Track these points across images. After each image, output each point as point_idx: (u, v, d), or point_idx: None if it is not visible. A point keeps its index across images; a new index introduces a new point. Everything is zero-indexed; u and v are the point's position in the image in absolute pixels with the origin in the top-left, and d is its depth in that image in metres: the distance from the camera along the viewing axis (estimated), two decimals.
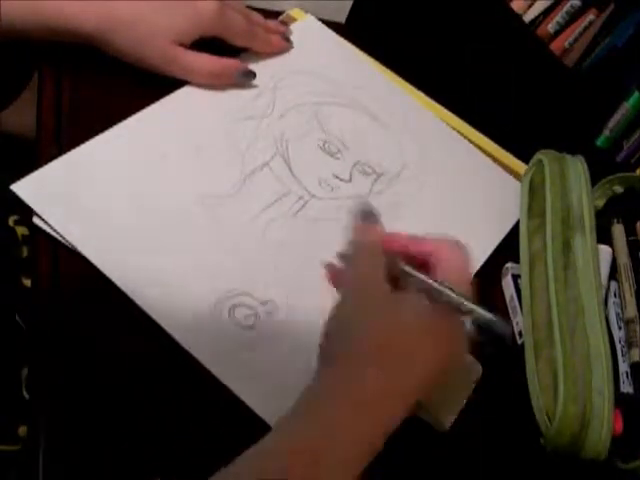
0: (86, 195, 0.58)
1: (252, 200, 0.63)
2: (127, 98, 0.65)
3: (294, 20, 0.79)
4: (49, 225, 0.55)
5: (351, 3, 0.84)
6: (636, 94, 0.73)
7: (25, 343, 0.59)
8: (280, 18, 0.79)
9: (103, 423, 0.49)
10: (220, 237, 0.60)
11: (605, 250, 0.67)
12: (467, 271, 0.52)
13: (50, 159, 0.59)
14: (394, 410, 0.47)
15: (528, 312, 0.63)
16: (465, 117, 0.79)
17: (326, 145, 0.70)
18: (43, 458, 0.47)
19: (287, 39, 0.75)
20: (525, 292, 0.64)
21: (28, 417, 0.56)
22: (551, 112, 0.78)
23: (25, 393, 0.58)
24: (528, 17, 0.76)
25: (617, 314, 0.63)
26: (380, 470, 0.47)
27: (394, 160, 0.72)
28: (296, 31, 0.77)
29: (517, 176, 0.76)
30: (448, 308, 0.49)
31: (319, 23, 0.81)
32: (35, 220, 0.55)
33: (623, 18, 0.73)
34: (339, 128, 0.72)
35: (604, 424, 0.56)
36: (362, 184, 0.69)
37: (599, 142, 0.77)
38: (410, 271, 0.51)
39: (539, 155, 0.72)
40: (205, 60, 0.67)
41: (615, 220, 0.69)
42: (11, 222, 0.64)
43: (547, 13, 0.75)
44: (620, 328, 0.62)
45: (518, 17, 0.76)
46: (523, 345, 0.62)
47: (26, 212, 0.56)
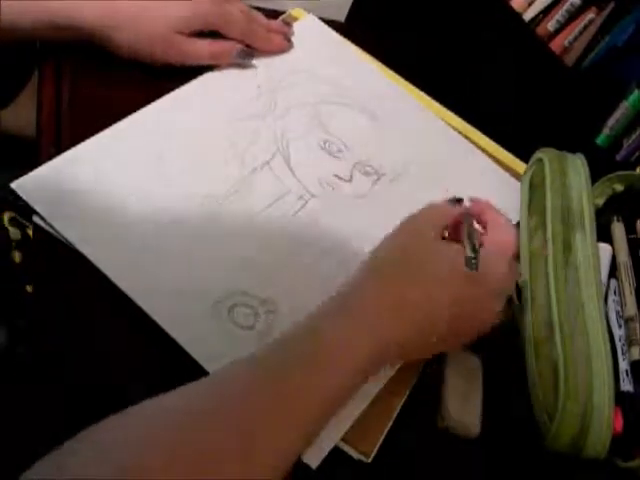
0: (85, 194, 0.58)
1: (252, 199, 0.63)
2: (127, 97, 0.65)
3: (295, 19, 0.79)
4: (48, 223, 0.55)
5: (351, 2, 0.84)
6: (636, 93, 0.73)
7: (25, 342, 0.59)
8: (281, 18, 0.79)
9: None
10: (220, 237, 0.60)
11: (605, 248, 0.67)
12: (509, 246, 0.59)
13: (50, 158, 0.59)
14: (426, 323, 0.53)
15: (528, 311, 0.63)
16: (465, 116, 0.79)
17: (327, 145, 0.70)
18: None
19: (288, 40, 0.76)
20: (525, 291, 0.64)
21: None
22: (551, 111, 0.78)
23: None
24: (528, 15, 0.76)
25: (617, 312, 0.63)
26: (382, 468, 0.47)
27: (395, 160, 0.72)
28: (297, 30, 0.77)
29: (517, 176, 0.76)
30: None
31: (320, 22, 0.81)
32: (35, 219, 0.55)
33: (623, 17, 0.74)
34: (340, 127, 0.72)
35: (604, 423, 0.56)
36: (363, 184, 0.69)
37: (599, 140, 0.77)
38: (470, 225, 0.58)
39: (539, 153, 0.72)
40: (204, 42, 0.69)
41: (615, 218, 0.69)
42: (6, 222, 0.64)
43: (547, 11, 0.75)
44: (620, 326, 0.62)
45: (518, 16, 0.76)
46: (523, 343, 0.62)
47: (24, 210, 0.56)
